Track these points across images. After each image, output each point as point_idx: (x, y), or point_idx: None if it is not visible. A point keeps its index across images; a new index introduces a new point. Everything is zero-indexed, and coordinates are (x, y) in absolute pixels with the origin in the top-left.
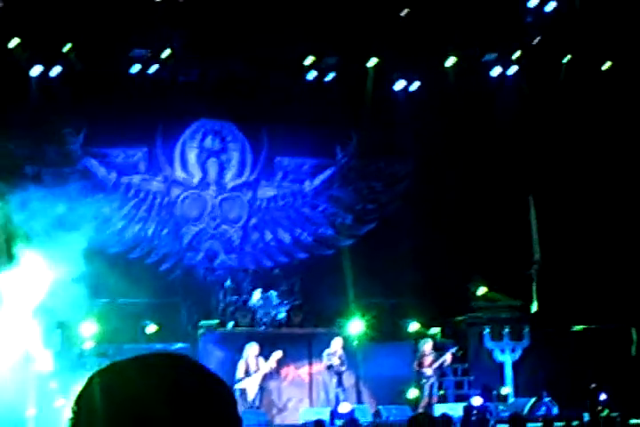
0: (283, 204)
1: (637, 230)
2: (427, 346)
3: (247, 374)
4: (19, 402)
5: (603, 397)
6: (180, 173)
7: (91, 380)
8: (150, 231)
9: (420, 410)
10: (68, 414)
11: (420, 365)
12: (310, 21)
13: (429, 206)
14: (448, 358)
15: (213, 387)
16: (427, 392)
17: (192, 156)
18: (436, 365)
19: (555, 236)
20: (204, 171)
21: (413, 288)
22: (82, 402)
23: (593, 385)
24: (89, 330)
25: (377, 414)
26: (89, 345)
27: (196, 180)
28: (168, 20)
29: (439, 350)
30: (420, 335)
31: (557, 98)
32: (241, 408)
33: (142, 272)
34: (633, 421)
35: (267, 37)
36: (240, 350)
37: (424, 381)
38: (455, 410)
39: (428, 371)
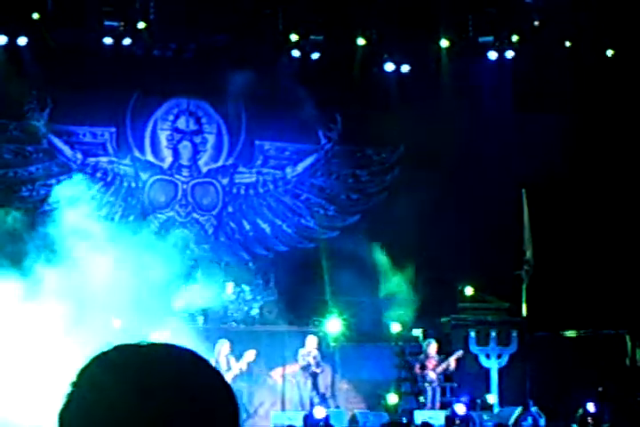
0: (263, 191)
1: (636, 231)
2: (431, 348)
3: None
4: None
5: (591, 408)
6: (149, 156)
7: (94, 359)
8: (117, 217)
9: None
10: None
11: (423, 367)
12: None
13: (417, 198)
14: (452, 362)
15: (219, 383)
16: (429, 397)
17: (163, 137)
18: (440, 369)
19: (548, 234)
20: (177, 154)
21: (396, 286)
22: (83, 377)
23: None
24: None
25: (353, 420)
26: None
27: (166, 163)
28: None
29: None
30: (401, 337)
31: (556, 85)
32: None
33: None
34: None
35: (250, 11)
36: (210, 348)
37: (426, 385)
38: (437, 418)
39: (432, 374)
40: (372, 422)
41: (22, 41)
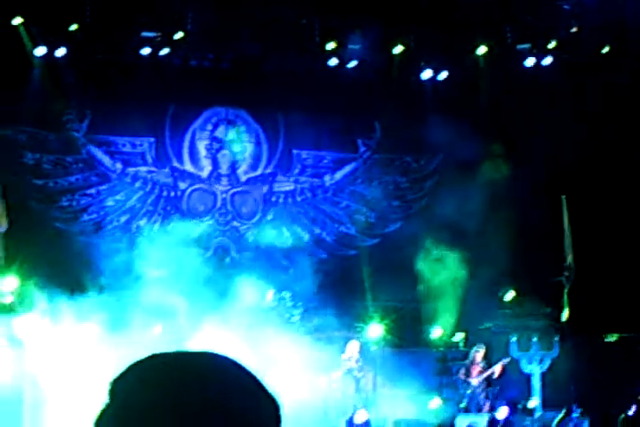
0: (301, 200)
1: None
2: (478, 355)
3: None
4: None
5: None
6: (188, 166)
7: (131, 367)
8: (156, 226)
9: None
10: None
11: (468, 374)
12: (332, 4)
13: (458, 205)
14: (498, 369)
15: (257, 398)
16: (473, 403)
17: (202, 147)
18: (484, 375)
19: (589, 239)
20: (215, 163)
21: (438, 292)
22: (117, 388)
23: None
24: None
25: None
26: None
27: (205, 172)
28: None
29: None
30: (442, 342)
31: (595, 91)
32: None
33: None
34: None
35: (286, 21)
36: (251, 355)
37: (469, 391)
38: (478, 423)
39: (474, 381)
40: None
41: (61, 52)
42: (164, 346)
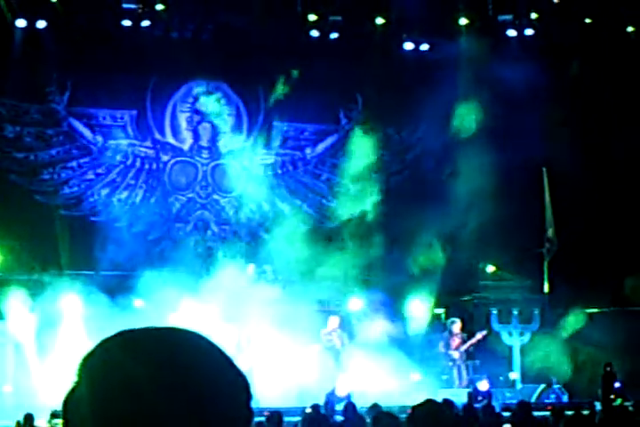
0: (282, 172)
1: None
2: (455, 326)
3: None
4: None
5: (616, 385)
6: (169, 138)
7: (100, 344)
8: (138, 199)
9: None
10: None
11: (448, 346)
12: None
13: (439, 177)
14: (476, 341)
15: (227, 376)
16: (455, 375)
17: (183, 119)
18: (464, 347)
19: (569, 212)
20: (196, 135)
21: (417, 265)
22: (85, 367)
23: (608, 368)
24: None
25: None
26: None
27: (186, 145)
28: None
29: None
30: (424, 316)
31: (576, 62)
32: None
33: (129, 242)
34: None
35: None
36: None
37: (450, 364)
38: (459, 396)
39: (455, 353)
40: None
41: (41, 24)
42: (145, 320)
